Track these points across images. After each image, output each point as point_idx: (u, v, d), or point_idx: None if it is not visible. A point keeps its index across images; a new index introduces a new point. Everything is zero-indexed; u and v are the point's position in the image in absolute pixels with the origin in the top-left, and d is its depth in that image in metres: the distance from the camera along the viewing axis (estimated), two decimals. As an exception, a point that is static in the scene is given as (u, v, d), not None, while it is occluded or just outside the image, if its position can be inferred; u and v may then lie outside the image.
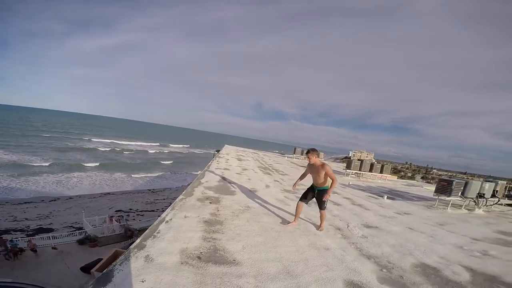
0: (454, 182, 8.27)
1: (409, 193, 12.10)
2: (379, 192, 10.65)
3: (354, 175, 15.90)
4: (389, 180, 17.35)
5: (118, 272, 2.51)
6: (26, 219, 20.04)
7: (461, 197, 8.50)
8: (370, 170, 15.57)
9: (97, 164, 41.83)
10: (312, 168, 4.56)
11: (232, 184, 7.72)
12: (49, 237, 15.96)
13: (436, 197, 8.81)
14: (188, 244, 3.30)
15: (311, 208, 6.13)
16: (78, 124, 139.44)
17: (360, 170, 15.46)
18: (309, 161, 4.52)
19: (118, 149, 60.79)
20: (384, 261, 3.63)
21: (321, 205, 4.50)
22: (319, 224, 4.72)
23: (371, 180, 15.44)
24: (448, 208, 8.40)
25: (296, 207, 4.70)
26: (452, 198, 8.39)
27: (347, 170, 15.80)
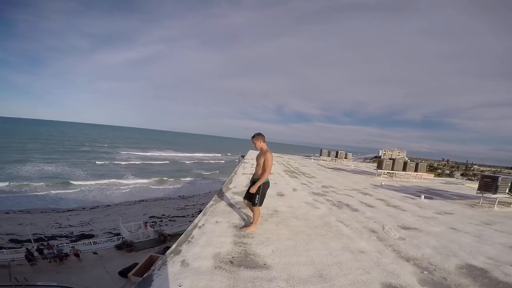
0: (499, 178, 7.63)
1: (448, 191, 11.34)
2: (415, 192, 10.10)
3: (386, 175, 15.24)
4: (425, 179, 16.40)
5: (157, 277, 2.59)
6: (70, 225, 21.57)
7: (509, 194, 7.81)
8: (404, 169, 14.88)
9: (131, 173, 44.19)
10: (257, 155, 4.10)
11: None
12: (90, 242, 17.04)
13: (480, 195, 8.18)
14: (220, 249, 3.34)
15: (342, 211, 5.97)
16: (110, 136, 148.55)
17: (392, 169, 14.81)
18: (255, 146, 4.04)
19: (148, 159, 63.72)
20: (425, 263, 3.43)
21: (252, 199, 3.98)
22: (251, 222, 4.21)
23: (406, 180, 14.70)
24: (495, 206, 7.74)
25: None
26: (498, 196, 7.74)
27: (379, 170, 15.18)
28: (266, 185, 4.10)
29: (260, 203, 4.03)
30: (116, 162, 54.38)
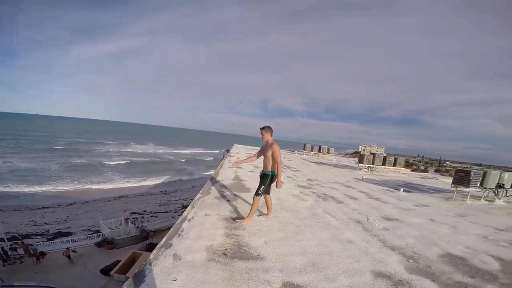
0: (472, 173, 8.11)
1: (424, 185, 11.93)
2: (395, 186, 10.53)
3: (367, 169, 15.76)
4: (403, 174, 17.12)
5: (149, 272, 2.52)
6: (46, 223, 20.53)
7: (479, 188, 8.33)
8: (383, 164, 15.44)
9: (111, 168, 42.76)
10: (263, 148, 4.20)
11: (246, 182, 7.75)
12: (68, 240, 16.31)
13: (454, 188, 8.67)
14: (212, 241, 3.33)
15: (328, 203, 6.13)
16: (90, 130, 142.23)
17: (373, 164, 15.34)
18: (262, 138, 4.11)
19: (129, 154, 61.83)
20: (409, 252, 3.64)
21: (258, 188, 4.08)
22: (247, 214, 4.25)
23: (385, 174, 15.26)
24: (467, 200, 8.23)
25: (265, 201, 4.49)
26: (470, 189, 8.24)
27: (360, 164, 15.68)
28: (274, 176, 4.12)
29: (263, 193, 4.10)
30: (95, 157, 52.29)
